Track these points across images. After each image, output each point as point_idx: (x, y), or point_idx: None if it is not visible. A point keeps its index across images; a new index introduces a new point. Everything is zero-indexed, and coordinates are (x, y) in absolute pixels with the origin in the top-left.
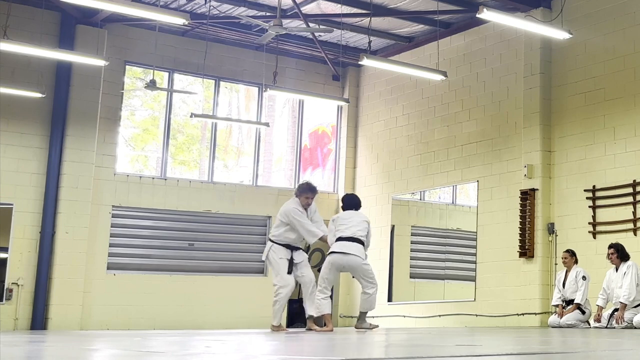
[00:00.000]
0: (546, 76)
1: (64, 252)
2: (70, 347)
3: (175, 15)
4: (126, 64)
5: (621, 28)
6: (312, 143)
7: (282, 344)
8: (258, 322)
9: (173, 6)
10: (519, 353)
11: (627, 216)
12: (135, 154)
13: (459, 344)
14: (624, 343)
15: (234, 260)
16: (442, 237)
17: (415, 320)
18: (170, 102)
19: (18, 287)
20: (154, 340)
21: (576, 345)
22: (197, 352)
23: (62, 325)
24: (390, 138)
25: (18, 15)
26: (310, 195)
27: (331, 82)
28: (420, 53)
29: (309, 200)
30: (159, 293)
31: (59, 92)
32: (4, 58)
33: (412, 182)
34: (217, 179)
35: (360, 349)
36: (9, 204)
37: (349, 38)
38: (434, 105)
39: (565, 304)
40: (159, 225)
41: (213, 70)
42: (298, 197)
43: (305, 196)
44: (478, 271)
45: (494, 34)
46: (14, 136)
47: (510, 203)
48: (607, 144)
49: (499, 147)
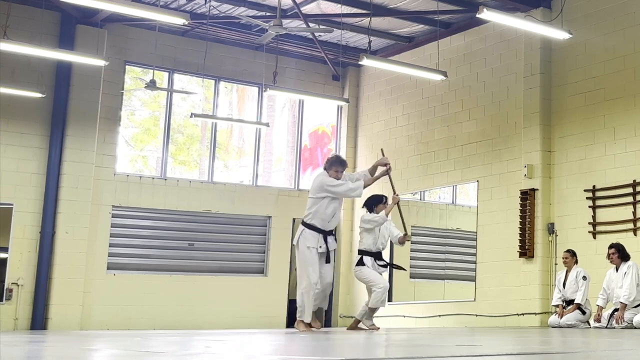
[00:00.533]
0: (546, 76)
1: (64, 252)
2: (70, 347)
3: (175, 15)
4: (126, 64)
5: (621, 28)
6: (312, 143)
7: (282, 344)
8: (258, 322)
9: (173, 6)
10: (519, 353)
11: (627, 216)
12: (135, 154)
13: (459, 344)
14: (624, 343)
15: (234, 260)
16: (442, 237)
17: (415, 320)
18: (170, 102)
19: (18, 287)
20: (154, 340)
21: (576, 345)
22: (197, 352)
23: (62, 325)
24: (390, 138)
25: (18, 15)
26: (340, 169)
27: (331, 82)
28: (420, 53)
29: (338, 174)
30: (159, 293)
31: (59, 92)
32: (4, 58)
33: (412, 182)
34: (217, 179)
35: (360, 349)
36: (9, 204)
37: (349, 38)
38: (434, 105)
39: (566, 304)
40: (159, 225)
41: (213, 70)
42: (327, 171)
43: (335, 169)
44: (478, 271)
45: (494, 34)
46: (14, 136)
47: (510, 203)
48: (607, 144)
49: (499, 147)
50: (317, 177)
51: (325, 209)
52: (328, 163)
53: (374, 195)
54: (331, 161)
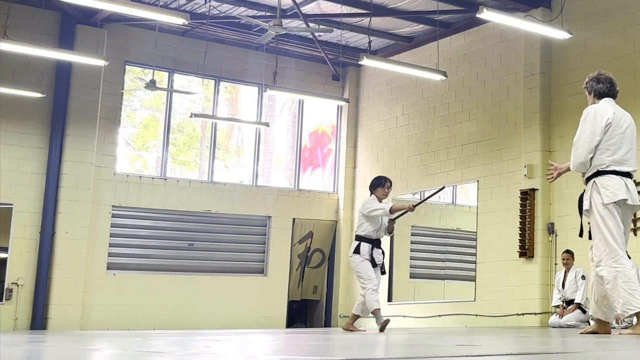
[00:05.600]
0: (546, 76)
1: (64, 252)
2: (70, 347)
3: (175, 15)
4: (126, 64)
5: (621, 28)
6: (312, 143)
7: (282, 344)
8: (258, 322)
9: (173, 6)
10: (519, 353)
11: None
12: (135, 154)
13: (459, 344)
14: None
15: (234, 260)
16: (442, 237)
17: (415, 320)
18: (170, 102)
19: (18, 287)
20: (154, 340)
21: (576, 345)
22: (197, 352)
23: (62, 325)
24: (390, 138)
25: (18, 15)
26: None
27: (331, 82)
28: (420, 53)
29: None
30: (158, 293)
31: (59, 92)
32: (4, 58)
33: (412, 182)
34: (217, 179)
35: (360, 349)
36: (9, 204)
37: (349, 38)
38: (434, 105)
39: (566, 304)
40: (159, 225)
41: (213, 70)
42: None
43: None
44: (478, 271)
45: (494, 34)
46: (14, 136)
47: (510, 203)
48: None
49: (499, 147)
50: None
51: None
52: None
53: (377, 177)
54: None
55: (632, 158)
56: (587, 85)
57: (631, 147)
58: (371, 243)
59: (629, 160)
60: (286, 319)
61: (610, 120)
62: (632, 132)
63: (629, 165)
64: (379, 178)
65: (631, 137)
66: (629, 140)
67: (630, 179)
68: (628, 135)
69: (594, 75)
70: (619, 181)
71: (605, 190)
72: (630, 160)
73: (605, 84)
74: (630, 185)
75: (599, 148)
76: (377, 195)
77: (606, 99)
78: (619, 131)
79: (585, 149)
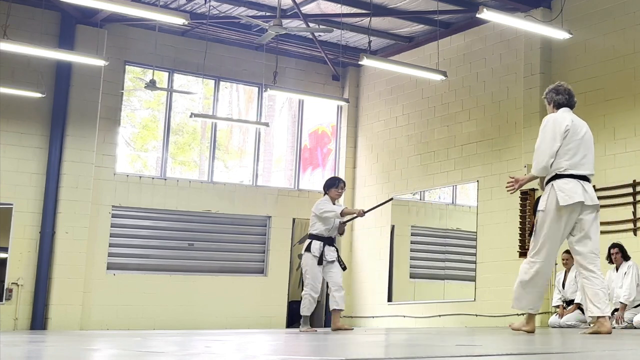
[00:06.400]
0: (546, 76)
1: (64, 252)
2: (70, 347)
3: (175, 15)
4: (126, 64)
5: (621, 28)
6: (312, 143)
7: (282, 344)
8: (258, 322)
9: (173, 6)
10: (519, 353)
11: (627, 216)
12: (135, 154)
13: (459, 344)
14: (624, 343)
15: (234, 260)
16: (442, 237)
17: (415, 320)
18: (170, 102)
19: (18, 287)
20: (154, 340)
21: (576, 345)
22: (197, 352)
23: (62, 325)
24: (390, 138)
25: (18, 15)
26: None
27: (331, 82)
28: (420, 53)
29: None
30: (158, 293)
31: (58, 92)
32: (4, 58)
33: (412, 182)
34: (217, 179)
35: (360, 349)
36: (9, 204)
37: (348, 38)
38: (434, 105)
39: (566, 304)
40: (159, 225)
41: (213, 70)
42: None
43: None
44: (478, 271)
45: (494, 34)
46: (14, 136)
47: (510, 203)
48: (607, 144)
49: (499, 147)
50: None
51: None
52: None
53: (331, 177)
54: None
55: (588, 162)
56: (547, 96)
57: (587, 152)
58: (323, 241)
59: (585, 164)
60: (286, 319)
61: (568, 127)
62: (588, 139)
63: (585, 169)
64: (333, 179)
65: (588, 143)
66: (585, 146)
67: (588, 182)
68: (585, 141)
69: (553, 87)
70: (575, 184)
71: (562, 193)
72: (586, 164)
73: (564, 95)
74: (588, 187)
75: (558, 153)
76: (330, 195)
77: (564, 109)
78: (576, 137)
79: (547, 154)
